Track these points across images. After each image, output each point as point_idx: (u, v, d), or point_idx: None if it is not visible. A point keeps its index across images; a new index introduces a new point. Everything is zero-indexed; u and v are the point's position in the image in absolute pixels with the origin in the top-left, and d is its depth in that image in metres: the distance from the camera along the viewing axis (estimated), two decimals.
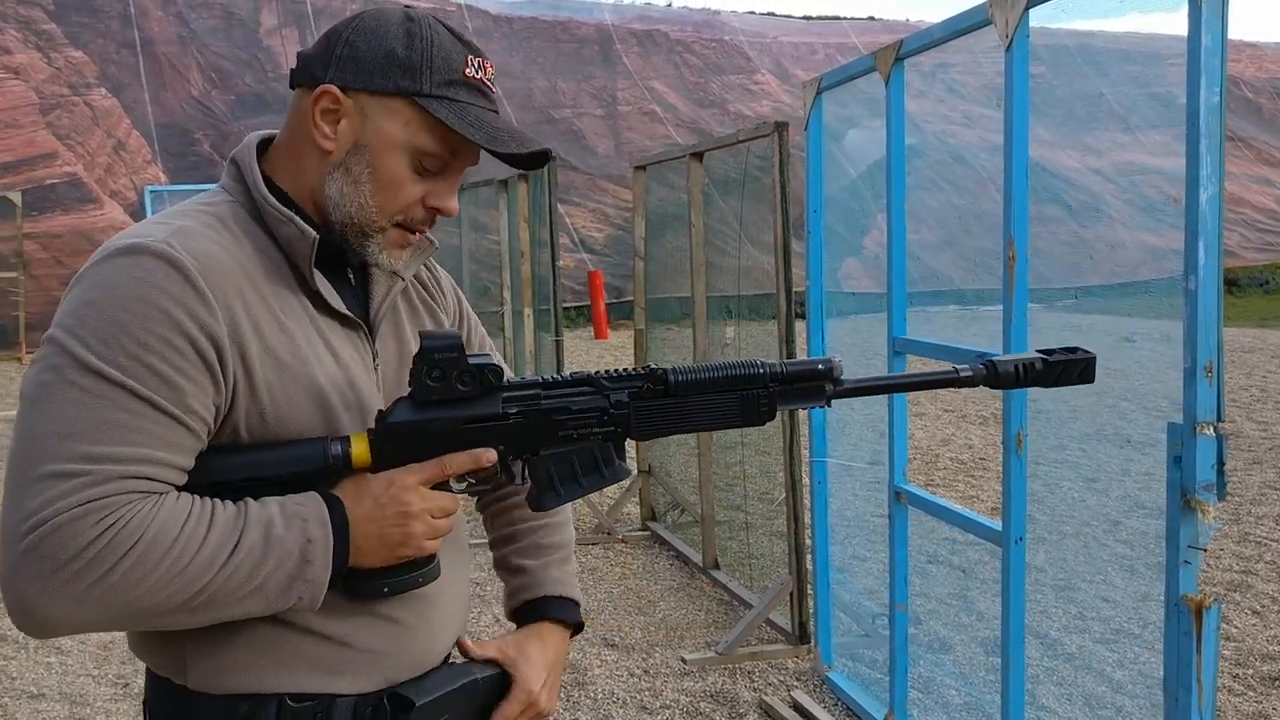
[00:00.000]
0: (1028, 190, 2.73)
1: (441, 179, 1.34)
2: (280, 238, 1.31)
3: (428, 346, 1.28)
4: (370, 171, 1.30)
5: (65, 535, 1.10)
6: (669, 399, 1.34)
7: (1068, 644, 4.37)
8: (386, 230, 1.33)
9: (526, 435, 1.32)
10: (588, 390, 1.34)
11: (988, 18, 2.76)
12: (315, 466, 1.24)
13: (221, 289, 1.22)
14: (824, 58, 23.60)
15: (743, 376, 1.35)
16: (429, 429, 1.28)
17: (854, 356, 9.30)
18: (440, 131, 1.30)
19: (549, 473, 1.34)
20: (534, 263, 6.67)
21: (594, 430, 1.34)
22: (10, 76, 16.27)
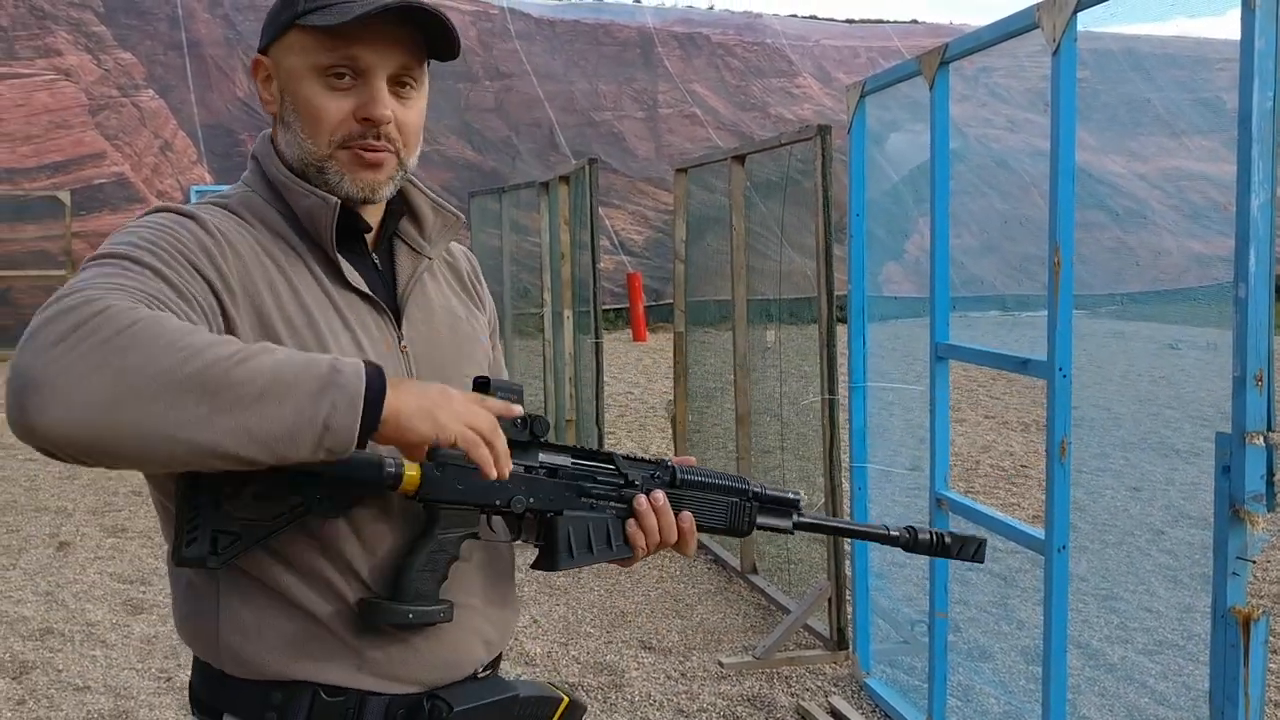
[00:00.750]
0: (1074, 196, 2.71)
1: (364, 87, 1.32)
2: (302, 213, 1.34)
3: (496, 385, 1.33)
4: (294, 110, 1.34)
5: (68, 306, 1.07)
6: (673, 489, 1.45)
7: (1110, 654, 4.32)
8: (333, 155, 1.33)
9: (554, 493, 1.38)
10: (609, 466, 1.43)
11: (1035, 21, 2.74)
12: (367, 477, 1.25)
13: (237, 250, 1.28)
14: (866, 61, 23.49)
15: (734, 488, 1.49)
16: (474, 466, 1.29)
17: (894, 361, 9.24)
18: (324, 39, 1.30)
19: (567, 534, 1.39)
20: (574, 265, 6.69)
21: (611, 504, 1.42)
22: (60, 78, 16.53)
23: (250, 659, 1.29)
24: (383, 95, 1.32)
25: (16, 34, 16.83)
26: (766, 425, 5.19)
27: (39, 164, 15.52)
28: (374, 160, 1.34)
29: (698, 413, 6.10)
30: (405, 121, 1.35)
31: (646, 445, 8.40)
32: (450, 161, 17.83)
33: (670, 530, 1.43)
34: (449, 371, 1.43)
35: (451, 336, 1.48)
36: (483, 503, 1.33)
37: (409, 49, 1.33)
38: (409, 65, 1.34)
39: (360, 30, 1.28)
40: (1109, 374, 11.55)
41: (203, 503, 1.20)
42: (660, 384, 11.28)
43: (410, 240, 1.48)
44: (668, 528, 1.43)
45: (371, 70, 1.31)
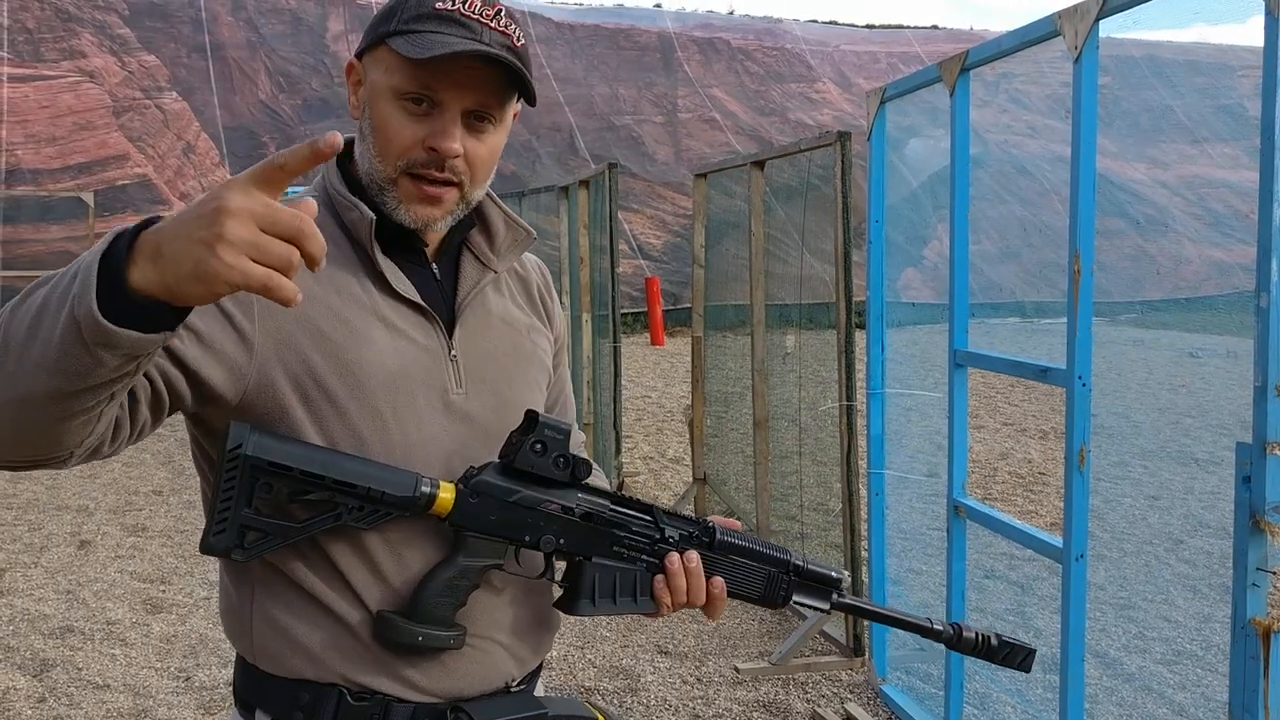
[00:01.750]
0: (1094, 204, 2.71)
1: (438, 118, 1.30)
2: (349, 223, 1.34)
3: (543, 421, 1.31)
4: (371, 124, 1.32)
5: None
6: (710, 551, 1.39)
7: (1128, 664, 4.30)
8: (397, 181, 1.32)
9: (586, 537, 1.35)
10: (647, 518, 1.38)
11: (1056, 29, 2.74)
12: (401, 495, 1.25)
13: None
14: (886, 66, 23.46)
15: (775, 558, 1.42)
16: (511, 498, 1.30)
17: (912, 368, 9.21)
18: (408, 65, 1.27)
19: (592, 580, 1.36)
20: (593, 269, 6.71)
21: (642, 557, 1.38)
22: (85, 80, 16.67)
23: (280, 657, 1.31)
24: (453, 129, 1.30)
25: (42, 36, 16.98)
26: (784, 430, 5.19)
27: (63, 165, 15.66)
28: (434, 195, 1.32)
29: (715, 417, 6.10)
30: (475, 155, 1.33)
31: (664, 449, 8.40)
32: None
33: (699, 593, 1.39)
34: (501, 387, 1.41)
35: (509, 352, 1.45)
36: (512, 537, 1.31)
37: (491, 87, 1.31)
38: (487, 103, 1.32)
39: (441, 65, 1.27)
40: (1128, 382, 11.50)
41: (235, 495, 1.21)
42: (678, 388, 11.28)
43: (478, 252, 1.46)
44: (696, 590, 1.38)
45: (446, 104, 1.30)
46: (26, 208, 14.85)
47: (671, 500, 6.58)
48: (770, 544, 1.44)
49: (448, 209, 1.35)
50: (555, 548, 1.34)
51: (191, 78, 17.58)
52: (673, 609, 1.39)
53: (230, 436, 1.19)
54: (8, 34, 16.75)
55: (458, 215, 1.38)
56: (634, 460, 7.88)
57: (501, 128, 1.37)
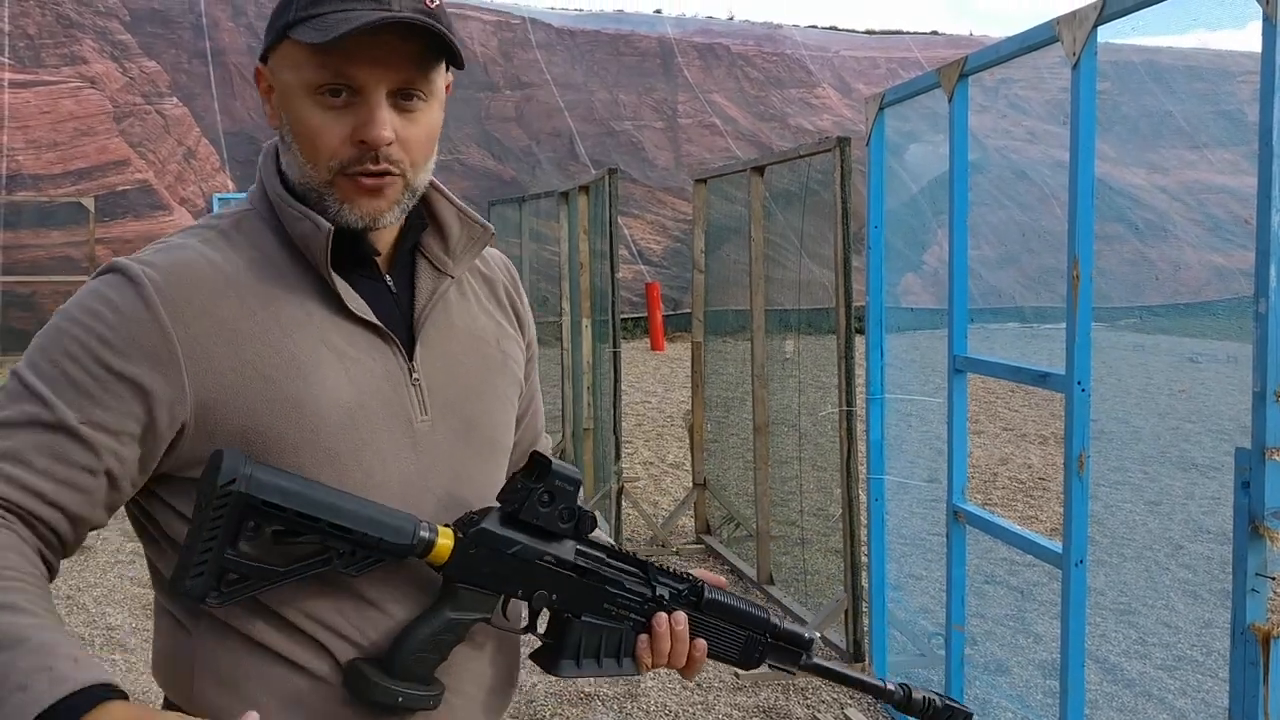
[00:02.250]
0: (1093, 209, 2.71)
1: (361, 106, 1.17)
2: (296, 236, 1.21)
3: (555, 470, 1.22)
4: (291, 129, 1.20)
5: None
6: (697, 612, 1.35)
7: (1128, 669, 4.30)
8: (333, 182, 1.19)
9: (581, 593, 1.28)
10: (640, 575, 1.32)
11: (1055, 35, 2.74)
12: (398, 542, 1.15)
13: (183, 303, 1.13)
14: (886, 72, 23.48)
15: (755, 619, 1.38)
16: (511, 551, 1.22)
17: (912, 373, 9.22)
18: (316, 54, 1.15)
19: (579, 640, 1.28)
20: (593, 274, 6.71)
21: (631, 616, 1.31)
22: (86, 85, 16.69)
23: (224, 713, 1.17)
24: (380, 115, 1.17)
25: (43, 42, 17.00)
26: (784, 436, 5.19)
27: (64, 170, 15.67)
28: (374, 186, 1.20)
29: (716, 422, 6.10)
30: (410, 138, 1.21)
31: (664, 454, 8.40)
32: (470, 170, 17.90)
33: (681, 656, 1.32)
34: (469, 409, 1.30)
35: (476, 369, 1.33)
36: (505, 590, 1.23)
37: (412, 59, 1.18)
38: (411, 78, 1.19)
39: (353, 43, 1.14)
40: (1128, 387, 11.50)
41: (219, 535, 1.09)
42: (678, 393, 11.28)
43: (433, 257, 1.32)
44: (679, 653, 1.32)
45: (367, 88, 1.17)
46: (27, 213, 14.86)
47: (671, 505, 6.58)
48: (751, 603, 1.40)
49: (393, 199, 1.22)
50: (547, 603, 1.25)
51: (192, 83, 17.60)
52: (651, 669, 1.33)
53: (222, 470, 1.08)
54: (9, 39, 16.77)
55: (405, 206, 1.25)
56: (634, 466, 7.88)
57: (434, 102, 1.23)
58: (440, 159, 1.38)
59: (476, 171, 17.98)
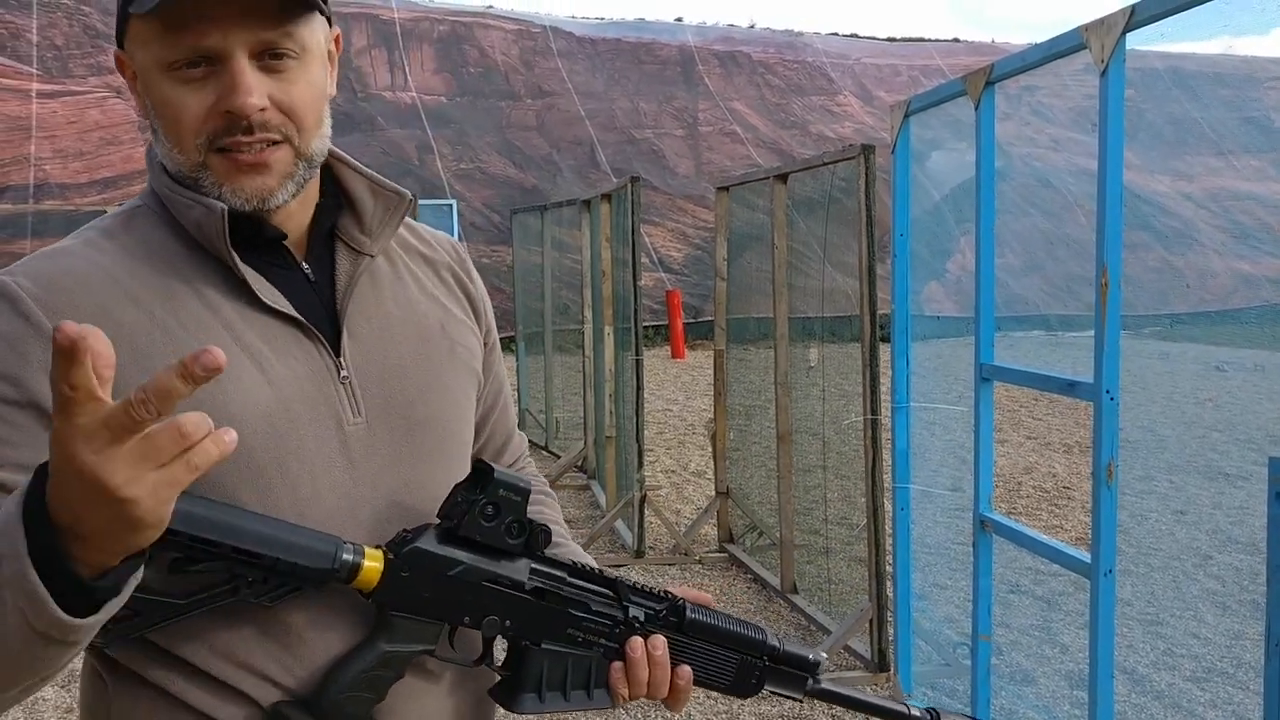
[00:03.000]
0: (1121, 217, 2.69)
1: (222, 73, 1.03)
2: (191, 225, 1.08)
3: (499, 478, 1.07)
4: (155, 113, 1.07)
5: None
6: (677, 634, 1.19)
7: (1156, 681, 4.26)
8: (207, 163, 1.06)
9: (538, 618, 1.12)
10: (609, 595, 1.17)
11: (1083, 42, 2.73)
12: (317, 567, 1.00)
13: (68, 309, 1.00)
14: (907, 79, 23.44)
15: (749, 640, 1.23)
16: (451, 572, 1.07)
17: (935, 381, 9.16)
18: (160, 27, 1.03)
19: (540, 671, 1.13)
20: (615, 282, 6.72)
21: (600, 641, 1.16)
22: (112, 95, 16.84)
23: None
24: (244, 79, 1.03)
25: (70, 52, 17.18)
26: (807, 444, 5.17)
27: (90, 180, 15.82)
28: (254, 162, 1.06)
29: (738, 430, 6.09)
30: (289, 101, 1.06)
31: (685, 463, 8.39)
32: (492, 179, 17.95)
33: (662, 685, 1.17)
34: (411, 405, 1.15)
35: (415, 358, 1.18)
36: (448, 618, 1.08)
37: (270, 14, 1.04)
38: (270, 36, 1.04)
39: (198, 7, 1.01)
40: (1154, 395, 11.42)
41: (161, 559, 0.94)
42: (699, 401, 11.27)
43: (348, 237, 1.18)
44: (659, 682, 1.16)
45: (225, 52, 1.03)
46: (54, 221, 14.99)
47: (694, 514, 6.57)
48: (744, 622, 1.25)
49: (283, 173, 1.08)
50: (500, 630, 1.10)
51: None
52: (629, 700, 1.17)
53: None
54: (37, 50, 16.95)
55: (300, 180, 1.10)
56: (656, 474, 7.87)
57: (310, 58, 1.08)
58: (461, 167, 1.26)
59: (498, 180, 18.02)
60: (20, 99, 16.24)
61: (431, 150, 17.82)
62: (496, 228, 16.57)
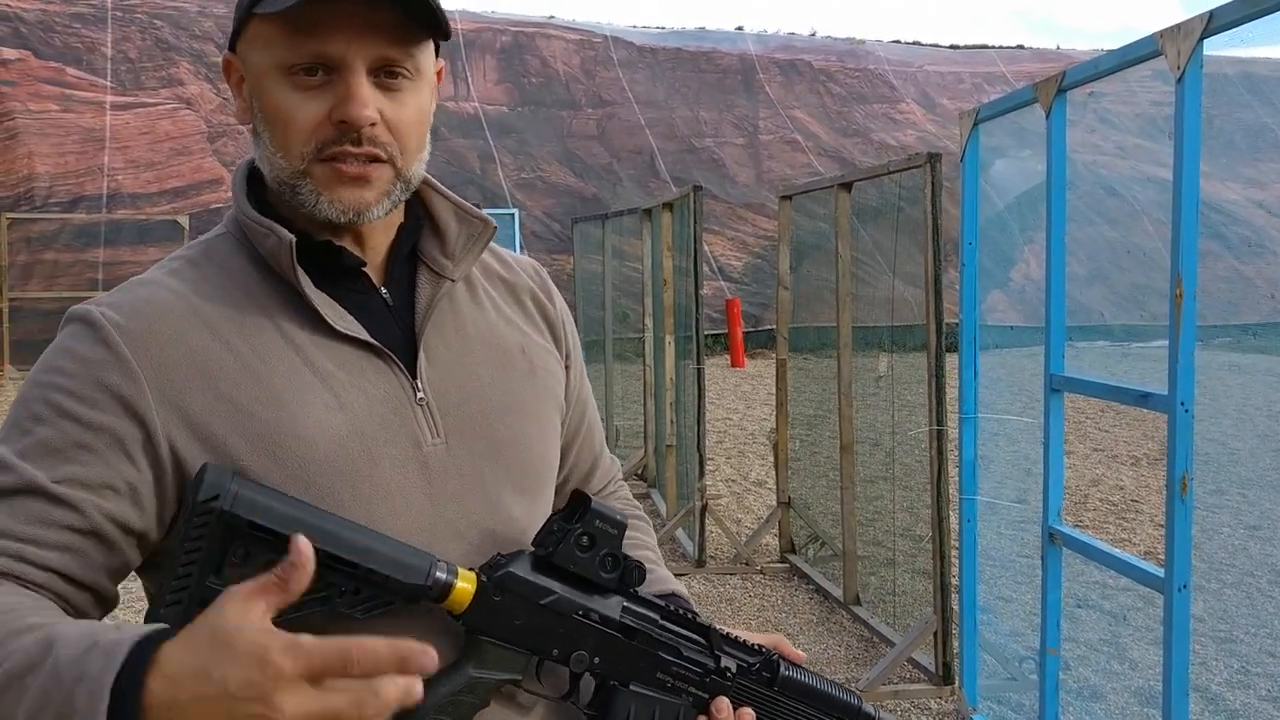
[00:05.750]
0: (1197, 226, 2.65)
1: (339, 83, 1.05)
2: (267, 254, 1.09)
3: (595, 509, 1.06)
4: (263, 119, 1.07)
5: None
6: (769, 690, 1.16)
7: (1231, 700, 4.17)
8: (310, 172, 1.06)
9: (628, 658, 1.09)
10: (701, 642, 1.14)
11: (1158, 49, 2.69)
12: (410, 583, 0.98)
13: (147, 339, 1.02)
14: (971, 86, 23.21)
15: (845, 705, 1.18)
16: (543, 601, 1.05)
17: (999, 391, 9.07)
18: (285, 29, 1.04)
19: (627, 713, 1.09)
20: (676, 291, 6.72)
21: (690, 689, 1.12)
22: (182, 106, 17.21)
23: None
24: (361, 92, 1.04)
25: (143, 66, 17.59)
26: (869, 454, 5.14)
27: (160, 189, 16.17)
28: (358, 175, 1.06)
29: (799, 440, 6.06)
30: (398, 120, 1.07)
31: (746, 472, 8.37)
32: (552, 188, 18.06)
33: None
34: (493, 426, 1.14)
35: (496, 381, 1.17)
36: (537, 648, 1.06)
37: (394, 30, 1.05)
38: (392, 53, 1.06)
39: (326, 14, 1.02)
40: (1224, 408, 11.18)
41: (199, 559, 0.92)
42: (759, 410, 11.23)
43: (430, 260, 1.18)
44: None
45: (345, 62, 1.04)
46: (126, 230, 15.37)
47: (755, 524, 6.54)
48: (839, 686, 1.20)
49: (382, 190, 1.09)
50: (588, 667, 1.08)
51: None
52: None
53: (204, 485, 0.93)
54: (111, 64, 17.37)
55: (397, 199, 1.11)
56: (716, 483, 7.86)
57: (421, 83, 1.10)
58: (522, 176, 1.24)
59: (558, 189, 18.12)
60: (95, 111, 16.65)
61: (493, 159, 17.97)
62: (557, 236, 16.66)
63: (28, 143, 15.85)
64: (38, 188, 15.54)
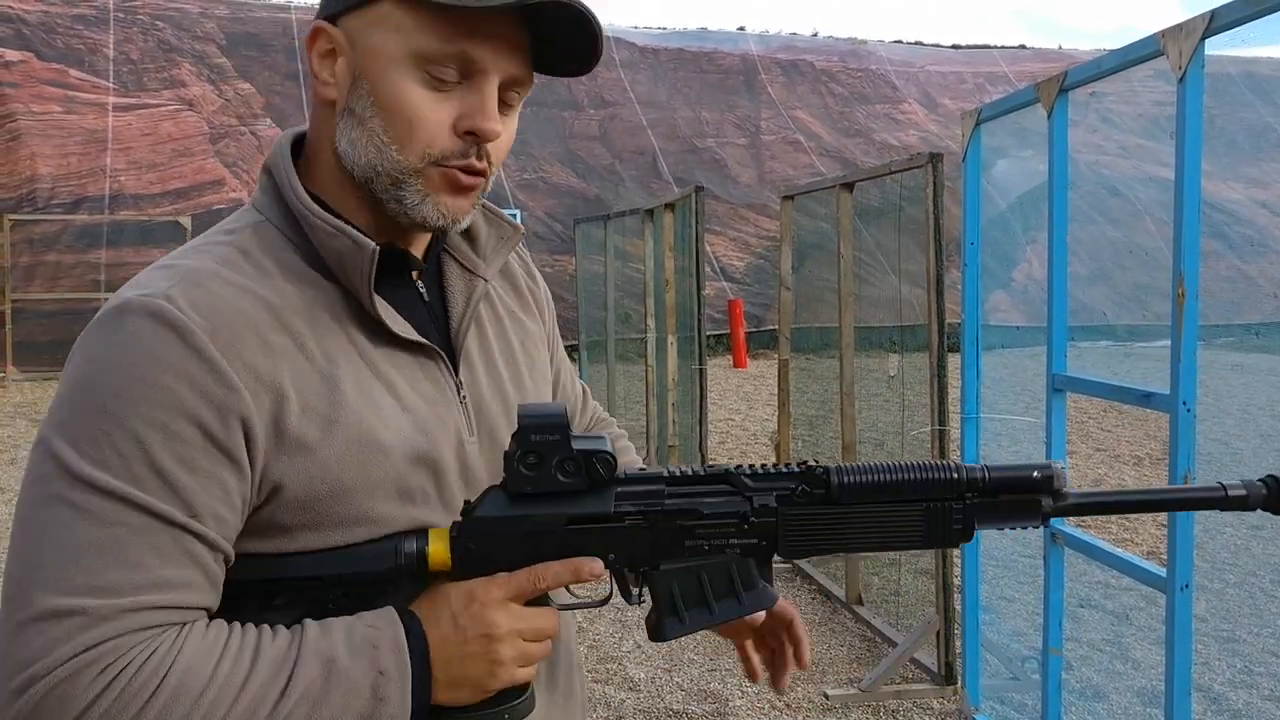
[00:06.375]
0: (1199, 225, 2.65)
1: (473, 91, 1.03)
2: (330, 254, 1.05)
3: (525, 424, 1.03)
4: (377, 105, 1.03)
5: (64, 694, 0.86)
6: (830, 506, 1.06)
7: (1233, 699, 4.16)
8: (423, 171, 1.04)
9: (645, 542, 1.06)
10: (725, 489, 1.07)
11: (1160, 48, 2.69)
12: (383, 568, 1.01)
13: (239, 346, 0.96)
14: (972, 86, 23.21)
15: (931, 481, 1.06)
16: (523, 528, 1.04)
17: (1001, 391, 9.07)
18: (438, 21, 1.00)
19: (671, 591, 1.07)
20: (678, 291, 6.73)
21: (731, 541, 1.07)
22: (184, 107, 17.22)
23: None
24: (493, 104, 1.04)
25: (145, 67, 17.60)
26: (871, 454, 5.14)
27: (162, 190, 16.18)
28: (468, 185, 1.06)
29: (801, 440, 6.06)
30: (503, 140, 1.08)
31: None
32: (554, 188, 18.07)
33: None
34: (504, 426, 1.16)
35: (512, 378, 1.21)
36: None
37: (526, 53, 1.05)
38: (523, 73, 1.06)
39: (482, 20, 1.00)
40: (1227, 407, 11.17)
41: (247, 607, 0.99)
42: (761, 410, 11.23)
43: (462, 257, 1.19)
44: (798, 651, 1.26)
45: (486, 73, 1.02)
46: (128, 231, 15.38)
47: None
48: (919, 465, 1.07)
49: (475, 201, 1.10)
50: (608, 566, 1.06)
51: (285, 105, 18.06)
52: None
53: None
54: (113, 65, 17.39)
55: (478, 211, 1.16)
56: None
57: (518, 110, 1.11)
58: (525, 177, 1.28)
59: (560, 189, 18.13)
60: (97, 112, 16.66)
61: None
62: (559, 237, 16.66)
63: (30, 144, 15.87)
64: (40, 189, 15.55)
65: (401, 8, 1.01)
